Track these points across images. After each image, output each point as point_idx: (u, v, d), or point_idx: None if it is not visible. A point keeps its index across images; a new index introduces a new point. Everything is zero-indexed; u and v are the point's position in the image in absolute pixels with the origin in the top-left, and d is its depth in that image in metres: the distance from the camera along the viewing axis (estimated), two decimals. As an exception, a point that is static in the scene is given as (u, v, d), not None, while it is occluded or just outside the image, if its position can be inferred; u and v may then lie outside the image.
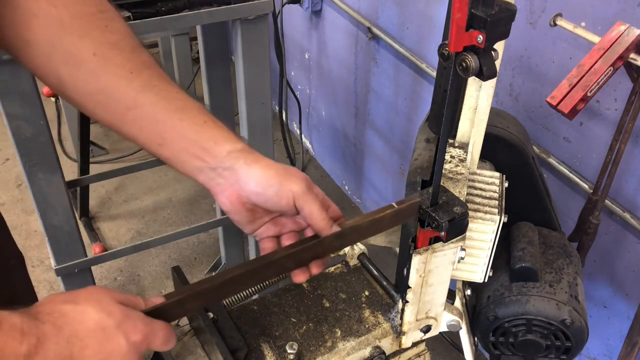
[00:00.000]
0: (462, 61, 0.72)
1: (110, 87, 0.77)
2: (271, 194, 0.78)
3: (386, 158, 2.68)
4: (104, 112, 0.79)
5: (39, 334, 0.60)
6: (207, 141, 0.78)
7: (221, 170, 0.79)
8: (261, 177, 0.78)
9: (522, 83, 1.76)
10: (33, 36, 0.75)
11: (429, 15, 2.07)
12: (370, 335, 1.02)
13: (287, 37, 3.15)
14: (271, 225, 0.85)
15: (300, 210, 0.79)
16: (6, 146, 3.42)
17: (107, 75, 0.76)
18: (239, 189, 0.79)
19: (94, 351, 0.64)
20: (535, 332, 1.18)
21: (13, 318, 0.60)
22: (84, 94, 0.78)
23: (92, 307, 0.66)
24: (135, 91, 0.77)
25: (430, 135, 1.16)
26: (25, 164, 1.59)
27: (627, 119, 1.30)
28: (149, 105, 0.77)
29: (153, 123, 0.78)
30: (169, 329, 0.73)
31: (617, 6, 1.40)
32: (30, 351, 0.59)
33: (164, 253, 2.82)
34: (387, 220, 0.86)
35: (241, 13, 1.63)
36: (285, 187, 0.78)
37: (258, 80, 1.78)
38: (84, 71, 0.76)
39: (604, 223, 1.56)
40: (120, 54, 0.77)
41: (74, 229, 1.79)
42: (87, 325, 0.64)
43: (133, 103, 0.77)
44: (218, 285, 0.77)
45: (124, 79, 0.77)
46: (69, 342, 0.62)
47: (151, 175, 3.25)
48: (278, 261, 0.81)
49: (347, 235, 0.84)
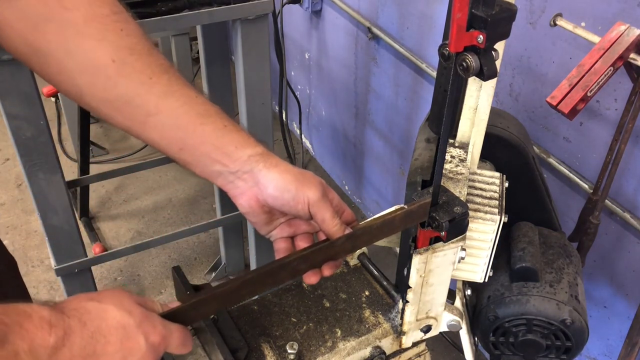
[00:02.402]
0: (462, 61, 0.72)
1: (131, 94, 0.75)
2: (288, 198, 0.79)
3: (386, 158, 2.68)
4: (123, 118, 0.78)
5: (65, 327, 0.62)
6: (228, 145, 0.79)
7: (241, 174, 0.80)
8: (279, 181, 0.79)
9: (522, 83, 1.76)
10: (45, 43, 0.73)
11: (429, 15, 2.07)
12: (371, 335, 1.02)
13: (287, 37, 3.15)
14: (286, 226, 0.86)
15: (314, 216, 0.80)
16: (6, 146, 3.42)
17: (127, 82, 0.75)
18: (257, 192, 0.80)
19: (115, 348, 0.66)
20: (535, 332, 1.18)
21: (42, 311, 0.61)
22: (102, 101, 0.77)
23: (115, 305, 0.67)
24: (156, 97, 0.76)
25: (431, 135, 1.16)
26: (25, 164, 1.59)
27: (627, 119, 1.30)
28: (170, 111, 0.77)
29: (174, 129, 0.78)
30: (186, 332, 0.75)
31: (617, 6, 1.40)
32: (58, 343, 0.61)
33: (164, 253, 2.82)
34: (398, 221, 0.86)
35: (241, 13, 1.63)
36: (301, 193, 0.79)
37: (258, 80, 1.78)
38: (102, 78, 0.74)
39: (604, 223, 1.56)
40: (139, 58, 0.76)
41: (74, 229, 1.79)
42: (109, 322, 0.66)
43: (154, 109, 0.76)
44: (234, 289, 0.78)
45: (144, 85, 0.76)
46: (93, 338, 0.64)
47: (151, 175, 3.25)
48: (291, 263, 0.81)
49: (358, 237, 0.85)
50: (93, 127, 3.16)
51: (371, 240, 0.89)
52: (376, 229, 0.86)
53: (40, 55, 0.74)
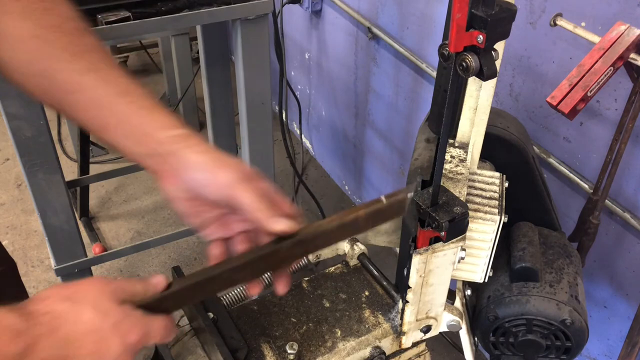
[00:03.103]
0: (462, 61, 0.72)
1: (51, 70, 0.75)
2: (207, 180, 0.74)
3: (386, 158, 2.68)
4: (45, 95, 0.77)
5: (34, 336, 0.61)
6: (149, 125, 0.76)
7: (165, 156, 0.76)
8: (199, 162, 0.75)
9: (522, 83, 1.76)
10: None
11: (429, 15, 2.07)
12: (371, 336, 1.01)
13: (287, 37, 3.15)
14: (219, 225, 0.79)
15: (234, 201, 0.73)
16: (6, 146, 3.42)
17: (48, 58, 0.75)
18: (179, 174, 0.76)
19: (88, 351, 0.64)
20: (535, 332, 1.18)
21: (9, 319, 0.60)
22: (26, 76, 0.77)
23: (89, 307, 0.66)
24: (77, 74, 0.75)
25: (431, 135, 1.16)
26: (25, 164, 1.59)
27: (627, 119, 1.30)
28: (90, 88, 0.75)
29: (95, 107, 0.76)
30: (167, 323, 0.72)
31: (617, 6, 1.40)
32: (25, 350, 0.59)
33: (163, 253, 2.82)
34: (363, 221, 0.78)
35: (241, 13, 1.63)
36: (219, 175, 0.74)
37: (258, 80, 1.78)
38: (25, 53, 0.75)
39: (604, 223, 1.55)
40: (63, 37, 0.75)
41: (73, 229, 1.79)
42: (82, 326, 0.64)
43: (75, 86, 0.75)
44: (213, 278, 0.74)
45: (66, 62, 0.75)
46: (65, 343, 0.63)
47: (151, 175, 3.24)
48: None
49: (310, 240, 0.76)
50: (93, 127, 3.15)
51: (329, 243, 0.80)
52: (333, 230, 0.77)
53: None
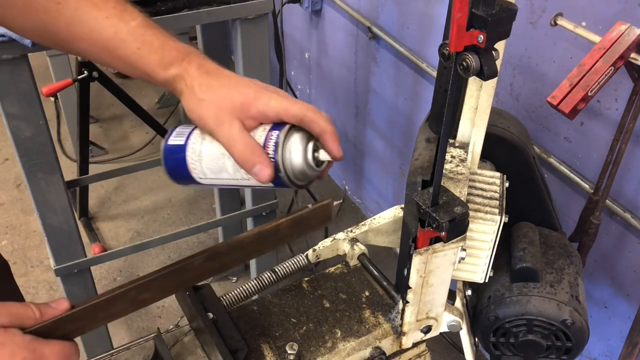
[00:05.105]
0: (462, 61, 0.72)
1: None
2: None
3: (386, 158, 2.68)
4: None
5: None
6: (146, 68, 0.76)
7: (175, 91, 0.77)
8: (193, 114, 0.76)
9: (522, 83, 1.75)
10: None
11: (429, 14, 2.07)
12: (371, 336, 1.01)
13: (287, 36, 3.15)
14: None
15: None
16: (5, 146, 3.42)
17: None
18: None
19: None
20: (535, 332, 1.18)
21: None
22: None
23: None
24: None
25: (431, 135, 1.15)
26: (24, 164, 1.59)
27: (628, 119, 1.30)
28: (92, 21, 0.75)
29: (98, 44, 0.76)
30: (64, 348, 0.66)
31: (617, 6, 1.40)
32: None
33: (163, 253, 2.82)
34: (285, 229, 0.76)
35: (241, 13, 1.63)
36: (219, 130, 0.75)
37: (258, 80, 1.77)
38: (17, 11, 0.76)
39: (604, 223, 1.55)
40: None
41: (73, 229, 1.78)
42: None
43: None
44: (118, 296, 0.70)
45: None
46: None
47: (150, 175, 3.24)
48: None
49: (223, 254, 0.75)
50: (92, 127, 3.16)
51: (248, 255, 0.78)
52: (251, 241, 0.75)
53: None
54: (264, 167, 0.72)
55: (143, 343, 1.00)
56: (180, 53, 0.76)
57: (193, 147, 0.78)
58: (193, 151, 0.78)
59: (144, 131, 3.52)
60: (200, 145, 0.77)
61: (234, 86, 0.75)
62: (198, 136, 0.78)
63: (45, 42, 0.81)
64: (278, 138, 0.73)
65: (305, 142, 0.75)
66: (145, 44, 0.75)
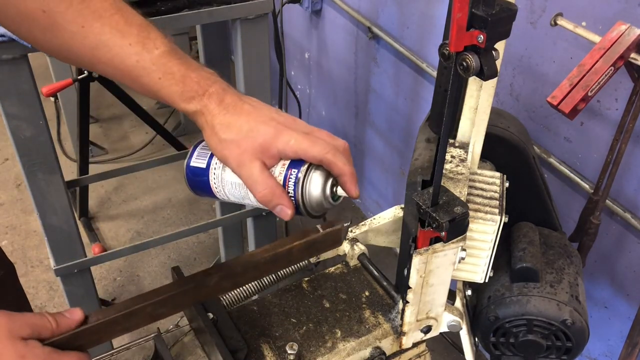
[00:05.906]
0: (462, 61, 0.72)
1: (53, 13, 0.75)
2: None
3: (386, 158, 2.68)
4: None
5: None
6: (168, 99, 0.78)
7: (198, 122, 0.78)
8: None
9: (522, 83, 1.75)
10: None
11: (429, 14, 2.07)
12: (371, 336, 1.01)
13: (287, 36, 3.15)
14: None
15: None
16: (5, 146, 3.42)
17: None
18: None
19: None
20: (536, 332, 1.18)
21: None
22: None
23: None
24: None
25: (431, 135, 1.15)
26: (24, 164, 1.59)
27: (628, 119, 1.30)
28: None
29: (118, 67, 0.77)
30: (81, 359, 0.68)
31: (617, 6, 1.40)
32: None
33: (163, 253, 2.82)
34: (297, 252, 0.80)
35: (241, 13, 1.63)
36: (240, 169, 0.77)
37: (258, 80, 1.78)
38: (40, 30, 0.76)
39: (604, 223, 1.55)
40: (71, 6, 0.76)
41: (73, 229, 1.78)
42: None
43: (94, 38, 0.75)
44: (134, 312, 0.73)
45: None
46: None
47: (150, 175, 3.25)
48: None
49: (238, 274, 0.79)
50: (92, 127, 3.16)
51: (261, 275, 0.82)
52: (266, 262, 0.79)
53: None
54: (285, 207, 0.76)
55: (143, 343, 1.00)
56: (201, 87, 0.77)
57: (215, 172, 0.81)
58: (216, 177, 0.81)
59: (144, 131, 3.52)
60: (222, 172, 0.80)
61: (254, 124, 0.76)
62: (219, 162, 0.81)
63: (71, 62, 0.82)
64: (297, 178, 0.77)
65: (323, 181, 0.77)
66: (166, 74, 0.76)
